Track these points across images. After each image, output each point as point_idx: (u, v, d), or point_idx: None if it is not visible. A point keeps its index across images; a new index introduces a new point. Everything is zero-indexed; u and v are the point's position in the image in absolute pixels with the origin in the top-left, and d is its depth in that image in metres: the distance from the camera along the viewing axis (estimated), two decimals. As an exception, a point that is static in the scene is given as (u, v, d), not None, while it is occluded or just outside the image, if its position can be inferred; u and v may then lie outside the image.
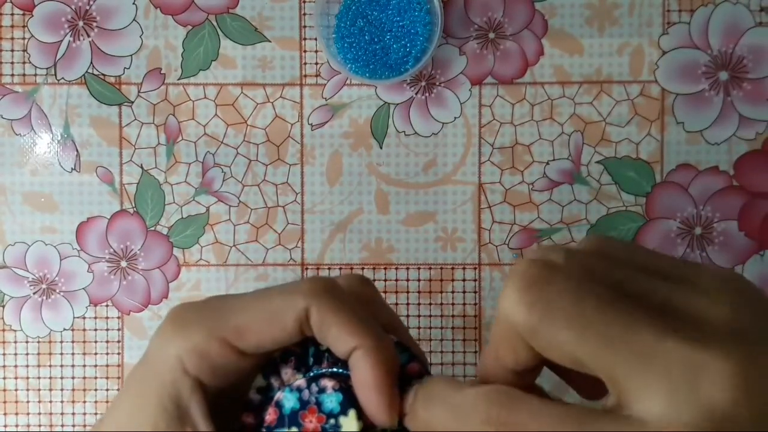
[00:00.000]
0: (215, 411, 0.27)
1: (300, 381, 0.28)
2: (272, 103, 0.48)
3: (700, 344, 0.20)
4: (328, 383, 0.27)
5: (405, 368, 0.28)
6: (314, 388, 0.27)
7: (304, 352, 0.28)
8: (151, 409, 0.26)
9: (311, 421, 0.27)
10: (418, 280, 0.48)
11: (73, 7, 0.48)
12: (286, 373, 0.28)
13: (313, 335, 0.27)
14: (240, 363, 0.27)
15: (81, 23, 0.48)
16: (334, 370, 0.28)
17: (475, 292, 0.48)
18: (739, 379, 0.20)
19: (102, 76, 0.48)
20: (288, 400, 0.27)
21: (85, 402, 0.48)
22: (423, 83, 0.48)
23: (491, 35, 0.47)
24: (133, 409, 0.27)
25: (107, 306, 0.48)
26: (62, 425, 0.48)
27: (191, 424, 0.27)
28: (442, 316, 0.48)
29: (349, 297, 0.28)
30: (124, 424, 0.27)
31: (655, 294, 0.22)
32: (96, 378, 0.48)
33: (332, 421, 0.27)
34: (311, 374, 0.28)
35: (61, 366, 0.48)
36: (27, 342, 0.48)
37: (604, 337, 0.21)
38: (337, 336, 0.26)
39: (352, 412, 0.27)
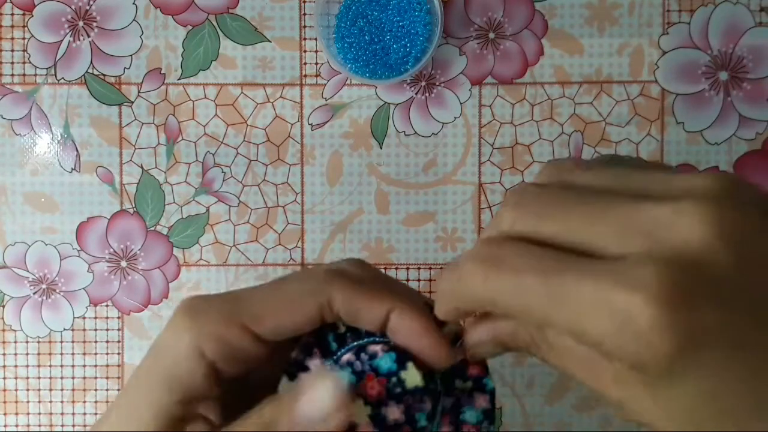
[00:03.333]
0: (225, 400, 0.27)
1: (347, 356, 0.27)
2: (272, 103, 0.48)
3: (672, 203, 0.20)
4: (376, 348, 0.27)
5: (467, 365, 0.28)
6: (364, 357, 0.27)
7: (323, 341, 0.28)
8: (158, 393, 0.26)
9: (373, 387, 0.27)
10: (418, 280, 0.48)
11: (73, 7, 0.48)
12: (315, 364, 0.28)
13: (332, 321, 0.27)
14: (257, 350, 0.27)
15: (81, 23, 0.48)
16: (372, 338, 0.28)
17: (475, 292, 0.48)
18: (713, 226, 0.19)
19: (102, 76, 0.48)
20: (343, 377, 0.26)
21: (85, 402, 0.48)
22: (423, 83, 0.48)
23: (491, 35, 0.47)
24: (140, 392, 0.26)
25: (107, 306, 0.48)
26: (62, 425, 0.48)
27: (200, 406, 0.26)
28: (442, 316, 0.48)
29: (361, 276, 0.28)
30: (129, 412, 0.26)
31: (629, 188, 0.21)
32: (96, 378, 0.48)
33: (393, 379, 0.27)
34: (353, 346, 0.28)
35: (61, 366, 0.48)
36: (27, 342, 0.48)
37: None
38: (369, 307, 0.26)
39: (410, 365, 0.27)
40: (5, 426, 0.48)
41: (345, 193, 0.48)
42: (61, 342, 0.48)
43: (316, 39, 0.48)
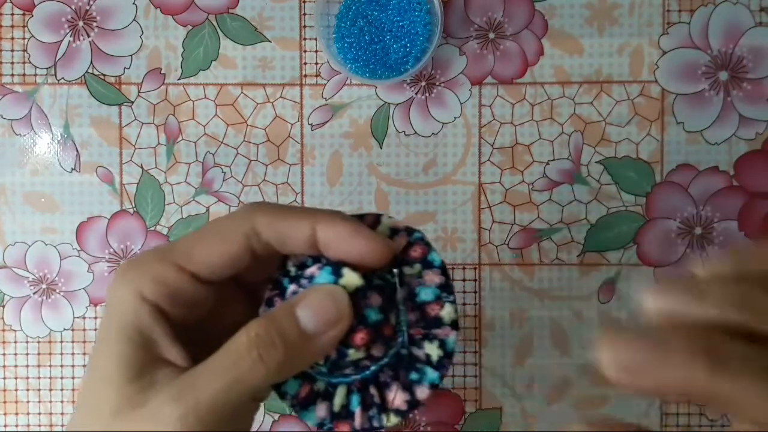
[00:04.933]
0: (184, 345, 0.27)
1: (291, 287, 0.28)
2: (272, 103, 0.48)
3: None
4: (312, 269, 0.27)
5: (408, 251, 0.28)
6: (304, 282, 0.27)
7: (281, 289, 0.28)
8: (115, 344, 0.26)
9: None
10: (418, 280, 0.48)
11: (73, 7, 0.48)
12: (278, 303, 0.28)
13: (261, 251, 0.27)
14: (198, 291, 0.27)
15: (81, 23, 0.48)
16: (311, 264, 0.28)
17: (475, 292, 0.48)
18: None
19: (102, 76, 0.48)
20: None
21: (85, 402, 0.48)
22: (423, 83, 0.48)
23: (491, 35, 0.47)
24: (100, 354, 0.27)
25: (107, 306, 0.48)
26: (62, 425, 0.48)
27: (159, 349, 0.26)
28: (442, 316, 0.48)
29: (282, 205, 0.28)
30: (93, 375, 0.26)
31: None
32: (96, 378, 0.48)
33: None
34: (293, 275, 0.28)
35: (61, 366, 0.48)
36: (27, 342, 0.48)
37: None
38: (293, 226, 0.27)
39: (345, 270, 0.27)
40: (5, 426, 0.48)
41: (345, 193, 0.48)
42: (61, 342, 0.48)
43: (316, 39, 0.48)
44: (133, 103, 0.48)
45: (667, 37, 0.47)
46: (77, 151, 0.48)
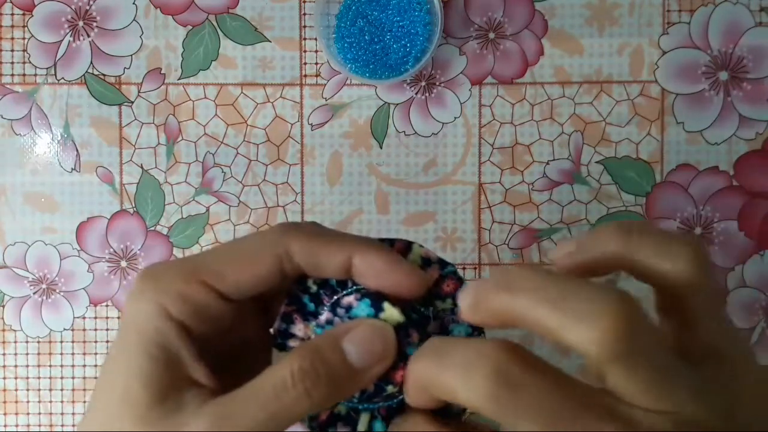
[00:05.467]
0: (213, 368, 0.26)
1: (325, 315, 0.27)
2: (272, 103, 0.48)
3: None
4: (350, 299, 0.26)
5: (441, 284, 0.28)
6: (341, 311, 0.27)
7: (300, 305, 0.28)
8: (136, 362, 0.24)
9: None
10: (418, 280, 0.48)
11: (73, 7, 0.48)
12: (300, 329, 0.27)
13: (293, 273, 0.26)
14: (223, 309, 0.26)
15: (81, 23, 0.48)
16: (346, 291, 0.27)
17: (475, 292, 0.48)
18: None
19: (102, 76, 0.48)
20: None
21: (85, 402, 0.48)
22: (423, 83, 0.48)
23: (491, 35, 0.47)
24: (118, 371, 0.25)
25: (107, 306, 0.48)
26: (62, 425, 0.48)
27: (185, 369, 0.25)
28: (442, 316, 0.48)
29: (316, 228, 0.27)
30: (110, 393, 0.25)
31: None
32: (96, 378, 0.48)
33: None
34: (328, 306, 0.27)
35: (61, 366, 0.48)
36: (27, 342, 0.48)
37: None
38: (328, 253, 0.26)
39: (385, 305, 0.26)
40: (5, 426, 0.48)
41: (345, 193, 0.48)
42: (61, 342, 0.48)
43: (316, 39, 0.48)
44: (133, 103, 0.48)
45: (667, 37, 0.47)
46: (77, 151, 0.48)
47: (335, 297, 0.27)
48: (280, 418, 0.24)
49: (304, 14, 0.48)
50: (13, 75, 0.48)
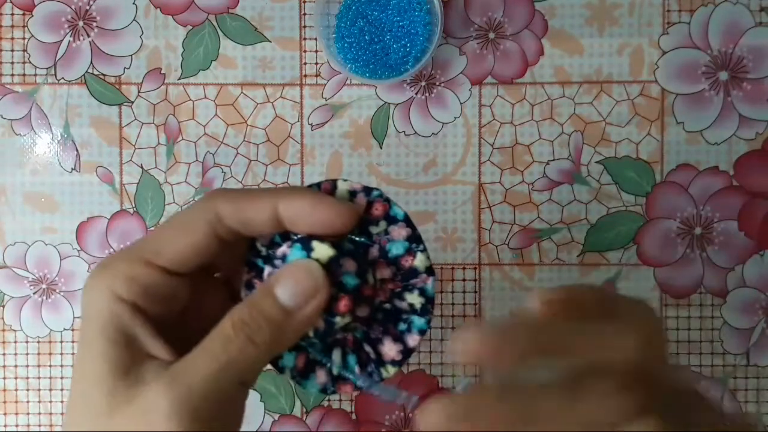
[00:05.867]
0: (167, 340, 0.27)
1: (267, 270, 0.28)
2: (272, 103, 0.48)
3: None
4: (283, 249, 0.28)
5: (370, 210, 0.29)
6: (279, 263, 0.28)
7: (257, 269, 0.29)
8: (99, 345, 0.26)
9: None
10: (418, 280, 0.48)
11: (73, 7, 0.48)
12: (257, 284, 0.29)
13: (227, 236, 0.28)
14: (172, 283, 0.27)
15: (81, 23, 0.48)
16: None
17: (475, 292, 0.48)
18: None
19: (102, 76, 0.48)
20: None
21: (85, 402, 0.48)
22: (423, 83, 0.48)
23: (491, 35, 0.47)
24: (84, 358, 0.27)
25: (107, 306, 0.48)
26: (62, 425, 0.48)
27: (142, 346, 0.26)
28: (442, 316, 0.48)
29: (243, 189, 0.28)
30: (81, 379, 0.27)
31: None
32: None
33: None
34: (267, 261, 0.29)
35: (61, 366, 0.48)
36: (27, 342, 0.48)
37: None
38: (254, 208, 0.27)
39: (314, 243, 0.27)
40: (5, 426, 0.48)
41: (345, 193, 0.48)
42: (61, 342, 0.48)
43: (316, 39, 0.48)
44: (133, 103, 0.48)
45: (667, 37, 0.47)
46: (77, 151, 0.48)
47: (266, 258, 0.29)
48: (230, 368, 0.25)
49: (304, 14, 0.48)
50: (13, 75, 0.48)
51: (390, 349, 0.28)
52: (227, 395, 0.26)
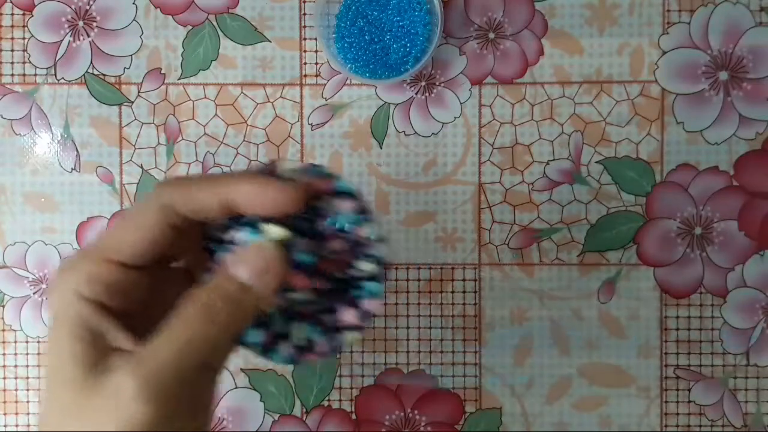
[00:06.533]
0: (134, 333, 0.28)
1: (224, 257, 0.29)
2: (272, 103, 0.48)
3: None
4: (237, 234, 0.29)
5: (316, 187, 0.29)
6: (232, 247, 0.29)
7: (213, 253, 0.30)
8: (67, 344, 0.27)
9: None
10: (418, 280, 0.48)
11: (73, 7, 0.48)
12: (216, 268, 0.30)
13: (180, 224, 0.28)
14: (132, 277, 0.28)
15: (81, 23, 0.48)
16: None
17: (475, 292, 0.48)
18: None
19: (102, 76, 0.48)
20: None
21: (85, 402, 0.48)
22: (423, 83, 0.48)
23: (491, 35, 0.47)
24: (54, 358, 0.27)
25: (107, 306, 0.48)
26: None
27: (109, 341, 0.27)
28: (442, 316, 0.48)
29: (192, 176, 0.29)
30: (52, 379, 0.27)
31: None
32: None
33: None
34: (223, 248, 0.30)
35: (61, 366, 0.48)
36: (27, 342, 0.48)
37: None
38: (204, 193, 0.28)
39: (265, 226, 0.28)
40: (5, 426, 0.48)
41: (345, 193, 0.48)
42: (61, 342, 0.48)
43: (316, 39, 0.48)
44: (133, 103, 0.48)
45: (666, 37, 0.47)
46: (77, 151, 0.48)
47: (220, 242, 0.30)
48: (192, 346, 0.26)
49: (304, 14, 0.48)
50: (13, 75, 0.48)
51: (349, 317, 0.30)
52: (191, 375, 0.26)
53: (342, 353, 0.29)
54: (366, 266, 0.30)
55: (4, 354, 0.48)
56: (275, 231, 0.28)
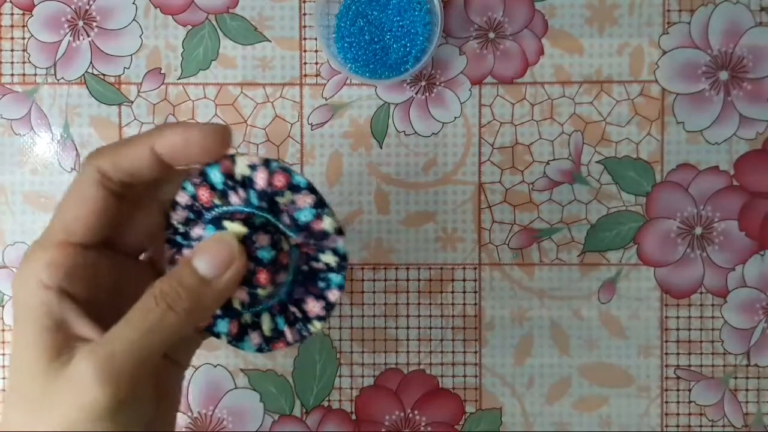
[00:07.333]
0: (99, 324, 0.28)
1: (184, 251, 0.30)
2: (272, 102, 0.48)
3: None
4: (198, 231, 0.29)
5: (272, 182, 0.29)
6: (194, 243, 0.29)
7: (177, 246, 0.30)
8: (31, 334, 0.27)
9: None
10: (418, 280, 0.48)
11: (72, 6, 0.48)
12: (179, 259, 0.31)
13: (116, 188, 0.28)
14: (91, 259, 0.28)
15: (81, 23, 0.48)
16: (205, 221, 0.30)
17: (475, 292, 0.48)
18: None
19: (102, 76, 0.48)
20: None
21: (84, 402, 0.48)
22: (423, 83, 0.48)
23: (491, 35, 0.47)
24: (17, 348, 0.27)
25: (107, 306, 0.48)
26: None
27: (72, 328, 0.27)
28: (442, 316, 0.48)
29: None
30: (16, 368, 0.27)
31: None
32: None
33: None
34: (186, 243, 0.30)
35: (61, 366, 0.48)
36: (26, 342, 0.48)
37: None
38: (133, 154, 0.28)
39: (226, 223, 0.28)
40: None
41: (345, 193, 0.48)
42: (61, 342, 0.48)
43: (315, 39, 0.48)
44: (132, 102, 0.48)
45: (667, 36, 0.47)
46: (77, 150, 0.48)
47: (184, 235, 0.30)
48: (152, 334, 0.26)
49: (304, 14, 0.48)
50: (12, 75, 0.48)
51: (314, 306, 0.30)
52: (151, 364, 0.27)
53: (309, 340, 0.31)
54: (328, 259, 0.30)
55: (3, 354, 0.48)
56: (236, 227, 0.28)
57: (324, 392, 0.48)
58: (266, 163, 0.29)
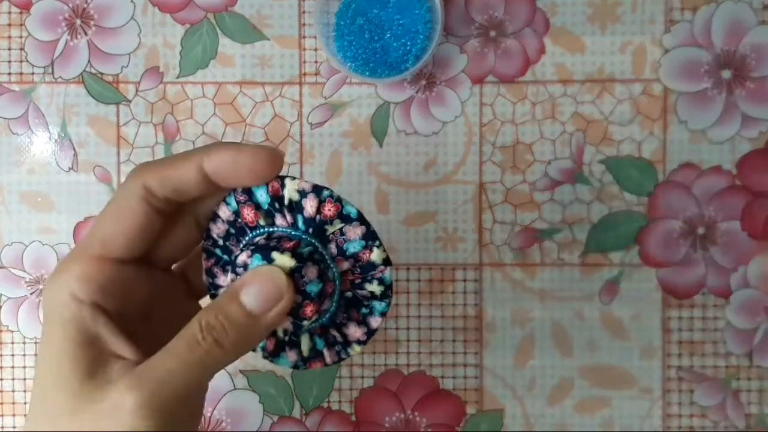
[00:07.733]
0: (131, 339, 0.27)
1: (228, 276, 0.29)
2: (271, 101, 0.48)
3: None
4: (243, 257, 0.28)
5: (322, 210, 0.29)
6: (239, 270, 0.28)
7: (216, 258, 0.30)
8: (62, 348, 0.26)
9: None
10: (418, 280, 0.47)
11: (70, 5, 0.47)
12: (223, 280, 0.30)
13: (161, 206, 0.28)
14: (127, 274, 0.28)
15: (78, 21, 0.47)
16: (242, 245, 0.30)
17: (476, 293, 0.47)
18: None
19: (99, 75, 0.48)
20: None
21: (82, 403, 0.48)
22: (423, 82, 0.47)
23: (492, 33, 0.47)
24: (47, 360, 0.27)
25: (105, 306, 0.48)
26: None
27: (106, 345, 0.27)
28: (442, 316, 0.47)
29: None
30: (44, 381, 0.27)
31: None
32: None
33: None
34: (230, 269, 0.29)
35: (59, 367, 0.48)
36: (24, 343, 0.48)
37: None
38: (180, 172, 0.27)
39: (275, 254, 0.28)
40: (2, 427, 0.48)
41: (344, 193, 0.48)
42: (59, 343, 0.48)
43: (315, 37, 0.47)
44: (130, 101, 0.48)
45: (669, 35, 0.47)
46: (74, 150, 0.48)
47: (234, 255, 0.29)
48: (197, 368, 0.26)
49: (304, 12, 0.47)
50: (10, 74, 0.48)
51: (355, 331, 0.30)
52: (192, 395, 0.26)
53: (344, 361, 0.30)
54: (373, 288, 0.29)
55: (1, 355, 0.48)
56: (285, 260, 0.27)
57: (323, 393, 0.48)
58: (317, 190, 0.28)
